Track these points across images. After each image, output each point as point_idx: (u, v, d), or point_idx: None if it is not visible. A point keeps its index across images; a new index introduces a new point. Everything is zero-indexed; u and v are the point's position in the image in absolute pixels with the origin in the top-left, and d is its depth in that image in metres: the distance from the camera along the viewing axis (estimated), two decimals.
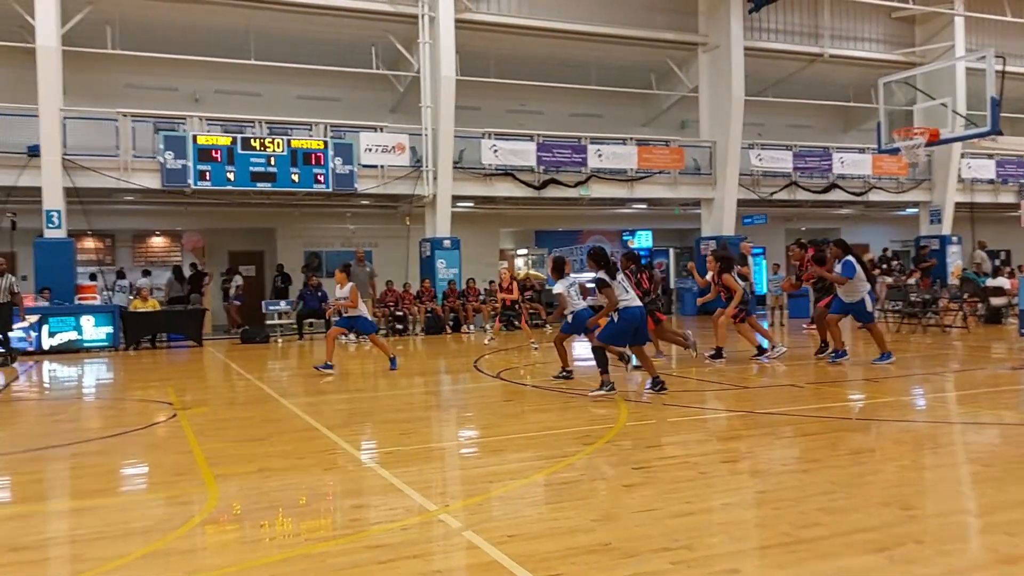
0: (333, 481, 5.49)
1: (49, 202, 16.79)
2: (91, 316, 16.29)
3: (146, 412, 8.70)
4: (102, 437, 7.25)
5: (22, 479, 5.85)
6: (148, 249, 23.25)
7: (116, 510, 4.91)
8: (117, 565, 3.80)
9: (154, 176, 17.63)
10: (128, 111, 17.65)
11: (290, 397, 9.29)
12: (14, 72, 17.76)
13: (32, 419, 8.74)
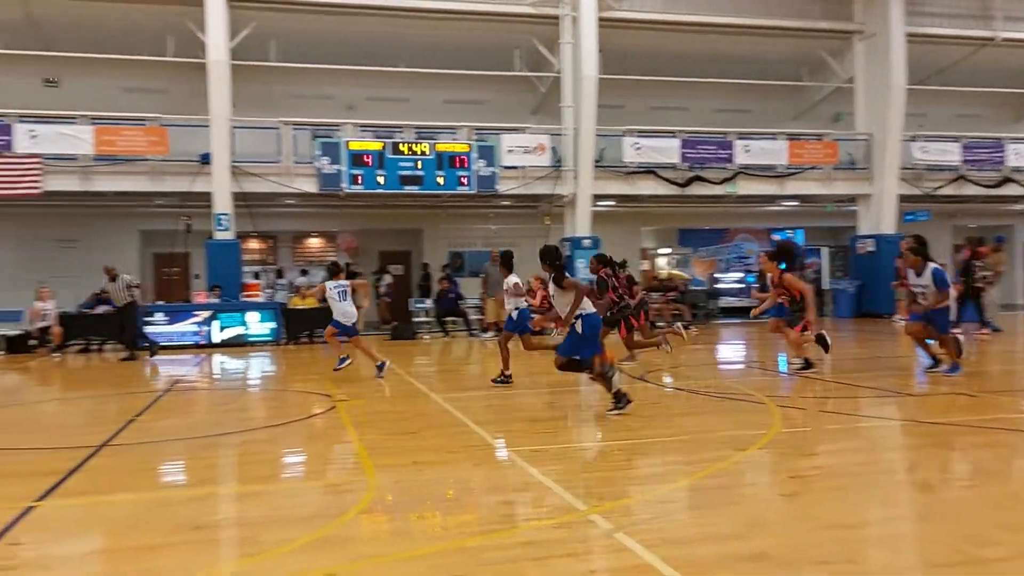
0: (483, 476, 5.61)
1: (219, 206, 18.06)
2: (256, 312, 17.42)
3: (307, 403, 9.21)
4: (268, 426, 7.74)
5: (199, 463, 6.33)
6: (306, 249, 24.54)
7: (283, 496, 5.23)
8: (287, 549, 4.04)
9: (312, 180, 18.61)
10: (289, 120, 18.72)
11: (439, 392, 9.57)
12: (188, 86, 19.22)
13: (205, 408, 9.44)
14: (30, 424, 8.49)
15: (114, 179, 17.99)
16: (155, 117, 17.91)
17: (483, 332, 18.46)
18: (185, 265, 20.87)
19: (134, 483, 5.73)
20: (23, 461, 6.27)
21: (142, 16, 18.49)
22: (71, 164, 17.64)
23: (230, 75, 18.29)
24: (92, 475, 5.69)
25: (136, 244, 21.76)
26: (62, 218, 20.29)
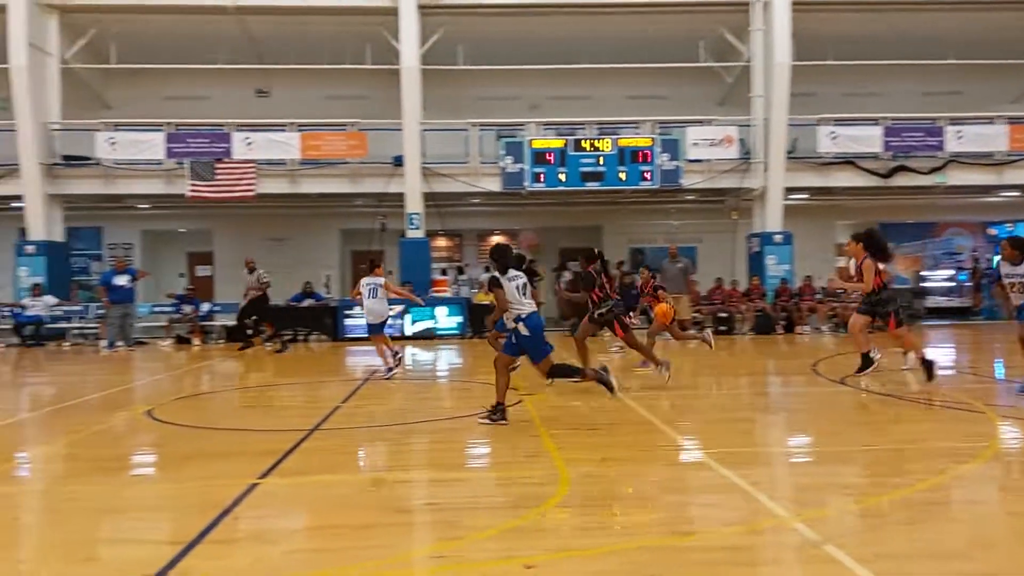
0: (676, 476, 5.51)
1: (411, 206, 18.94)
2: (444, 307, 18.11)
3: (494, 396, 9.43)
4: (460, 416, 8.00)
5: (400, 449, 6.65)
6: (490, 246, 25.21)
7: (479, 484, 5.39)
8: (487, 535, 4.15)
9: (496, 179, 19.10)
10: (476, 121, 19.30)
11: (623, 390, 9.49)
12: (384, 92, 20.31)
13: (401, 397, 9.90)
14: (250, 407, 9.29)
15: (318, 181, 19.35)
16: (354, 122, 19.06)
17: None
18: (381, 261, 22.02)
19: (343, 465, 6.11)
20: (247, 441, 6.85)
21: (343, 27, 19.70)
22: (280, 168, 19.14)
23: (420, 80, 19.10)
24: (306, 456, 6.13)
25: (337, 242, 23.28)
26: (273, 218, 22.06)
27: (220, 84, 21.25)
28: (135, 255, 22.71)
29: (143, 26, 19.17)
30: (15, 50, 17.83)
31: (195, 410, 8.91)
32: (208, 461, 6.02)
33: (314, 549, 3.98)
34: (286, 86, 21.80)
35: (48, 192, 18.61)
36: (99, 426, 7.70)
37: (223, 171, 18.53)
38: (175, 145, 18.64)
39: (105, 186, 18.96)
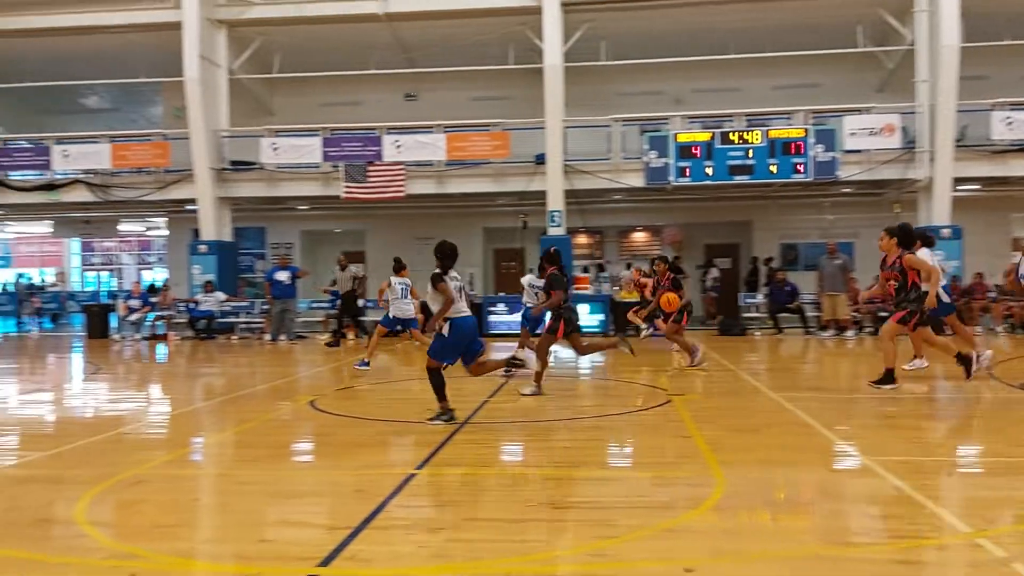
0: (840, 482, 5.25)
1: (552, 203, 19.02)
2: (587, 304, 18.08)
3: (641, 395, 9.34)
4: (608, 414, 7.97)
5: (550, 445, 6.69)
6: (631, 243, 24.96)
7: (633, 483, 5.34)
8: (644, 535, 4.10)
9: (638, 175, 18.85)
10: (619, 116, 19.14)
11: (778, 390, 9.16)
12: (527, 91, 20.49)
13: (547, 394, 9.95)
14: (402, 399, 9.62)
15: (463, 181, 19.77)
16: (498, 123, 19.34)
17: (821, 330, 17.34)
18: (522, 259, 22.29)
19: (496, 459, 6.22)
20: (402, 431, 7.10)
21: (487, 29, 20.02)
22: (428, 169, 19.71)
23: (563, 78, 19.14)
24: (459, 449, 6.28)
25: (480, 240, 23.72)
26: (420, 218, 22.75)
27: (372, 89, 22.14)
28: (295, 253, 24.02)
29: (302, 37, 20.23)
30: (189, 63, 19.26)
31: (353, 401, 9.32)
32: (368, 450, 6.28)
33: (473, 539, 4.06)
34: (433, 89, 22.44)
35: (218, 195, 20.00)
36: (267, 415, 8.20)
37: (375, 173, 19.28)
38: (331, 149, 19.57)
39: (268, 189, 20.17)
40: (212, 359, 15.18)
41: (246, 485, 5.34)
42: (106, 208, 22.39)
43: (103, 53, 21.05)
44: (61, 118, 24.65)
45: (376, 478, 5.33)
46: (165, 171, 20.14)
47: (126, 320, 19.63)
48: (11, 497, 5.04)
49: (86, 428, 7.87)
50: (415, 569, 3.65)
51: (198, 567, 3.81)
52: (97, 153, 20.15)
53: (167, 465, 6.04)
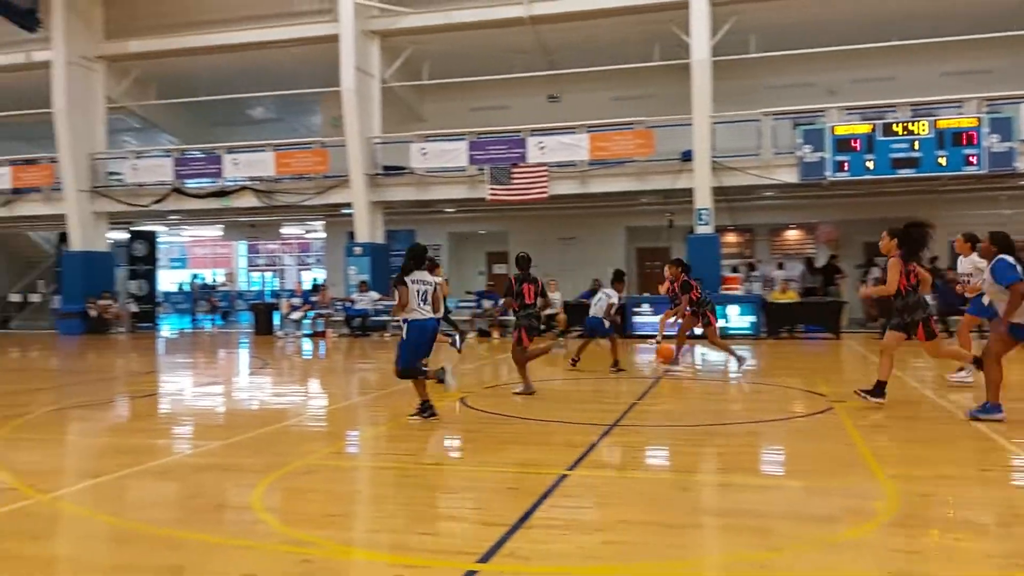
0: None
1: (700, 201, 18.59)
2: (736, 306, 17.55)
3: (798, 400, 8.96)
4: (764, 420, 7.68)
5: (704, 450, 6.53)
6: (783, 242, 24.03)
7: (794, 492, 5.11)
8: (808, 548, 3.92)
9: (791, 171, 18.12)
10: (770, 110, 18.47)
11: (950, 398, 8.54)
12: (672, 89, 20.14)
13: (697, 397, 9.73)
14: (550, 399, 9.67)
15: (606, 181, 19.68)
16: (642, 120, 19.11)
17: None
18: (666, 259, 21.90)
19: (648, 462, 6.14)
20: (552, 432, 7.12)
21: (632, 27, 19.85)
22: (570, 170, 19.74)
23: (711, 72, 18.67)
24: (610, 451, 6.25)
25: (622, 240, 23.54)
26: (563, 218, 22.84)
27: (516, 93, 22.41)
28: (442, 255, 24.70)
29: (450, 43, 20.78)
30: (345, 74, 20.20)
31: (501, 400, 9.45)
32: (520, 449, 6.35)
33: (630, 542, 4.02)
34: (575, 91, 22.45)
35: (371, 199, 20.86)
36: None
37: (519, 175, 19.52)
38: (477, 152, 19.98)
39: (418, 192, 20.84)
40: (367, 355, 15.83)
41: (404, 478, 5.53)
42: (270, 212, 23.84)
43: (267, 67, 22.45)
44: (230, 129, 26.47)
45: (528, 477, 5.38)
46: (323, 177, 21.22)
47: (288, 318, 20.82)
48: (193, 484, 5.45)
49: (256, 419, 8.39)
50: (573, 569, 3.65)
51: (364, 556, 3.97)
52: (262, 161, 21.50)
53: (331, 456, 6.35)
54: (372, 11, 20.68)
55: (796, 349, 15.46)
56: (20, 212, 23.87)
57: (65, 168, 22.37)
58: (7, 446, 6.70)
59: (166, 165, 22.32)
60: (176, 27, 21.89)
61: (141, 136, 28.27)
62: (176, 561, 3.77)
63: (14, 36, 22.45)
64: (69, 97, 22.06)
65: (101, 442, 7.29)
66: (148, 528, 4.36)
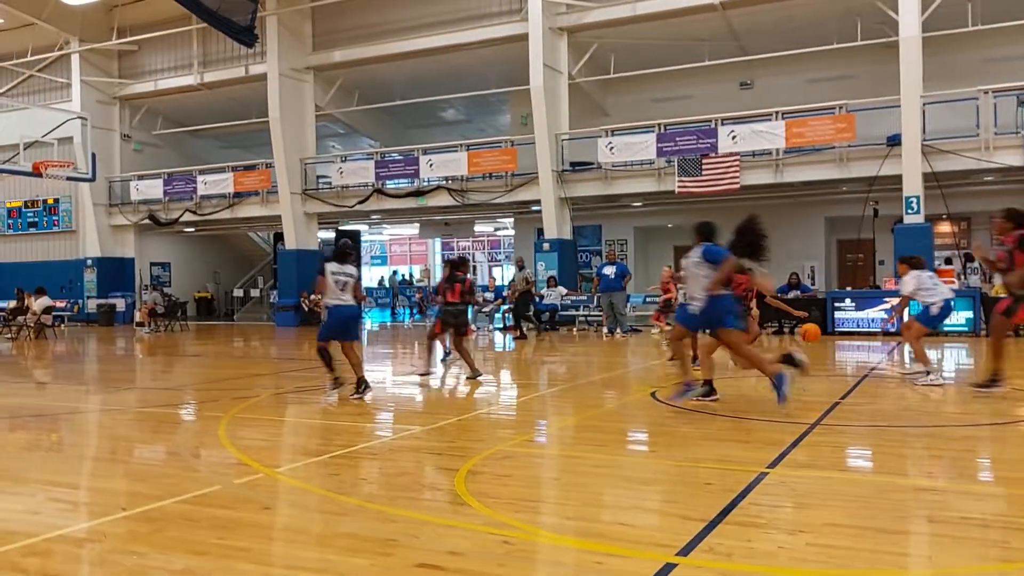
0: None
1: (909, 188, 17.28)
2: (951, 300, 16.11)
3: (1023, 403, 8.13)
4: (984, 424, 7.04)
5: (919, 453, 6.07)
6: None
7: (1020, 502, 4.65)
8: None
9: (1015, 152, 16.47)
10: (990, 87, 16.82)
11: None
12: (875, 68, 18.88)
13: (908, 397, 9.06)
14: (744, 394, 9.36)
15: (802, 169, 18.77)
16: (842, 104, 18.01)
17: None
18: (871, 250, 20.54)
19: (853, 464, 5.81)
20: (749, 428, 6.89)
21: (830, 5, 18.78)
22: (763, 159, 18.98)
23: (921, 50, 17.28)
24: (814, 450, 5.95)
25: (822, 231, 22.34)
26: (755, 209, 21.84)
27: (704, 81, 21.85)
28: (628, 250, 24.59)
29: (636, 35, 20.60)
30: (534, 72, 20.56)
31: None
32: (716, 445, 6.20)
33: (838, 546, 3.82)
34: (768, 75, 21.58)
35: (559, 196, 21.11)
36: (613, 403, 8.47)
37: (709, 165, 19.03)
38: (665, 144, 19.68)
39: (604, 187, 20.85)
40: (555, 349, 16.06)
41: (599, 468, 5.56)
42: (463, 211, 24.74)
43: (458, 70, 23.31)
44: (424, 131, 27.75)
45: (724, 473, 5.24)
46: (512, 175, 21.73)
47: (481, 312, 21.52)
48: (400, 465, 5.78)
49: (453, 407, 8.76)
50: (778, 569, 3.52)
51: (562, 542, 4.04)
52: (455, 161, 22.37)
53: (525, 444, 6.51)
54: (560, 8, 20.92)
55: (1021, 348, 13.98)
56: (241, 214, 26.33)
57: (280, 172, 24.40)
58: (236, 425, 7.41)
59: (368, 167, 23.76)
60: (375, 36, 23.25)
61: (345, 141, 30.30)
62: (389, 535, 4.01)
63: (234, 52, 24.79)
64: (282, 106, 24.03)
65: (316, 423, 7.90)
66: (363, 503, 4.68)
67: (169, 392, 10.00)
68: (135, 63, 27.71)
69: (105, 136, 27.15)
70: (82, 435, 7.63)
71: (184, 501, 4.71)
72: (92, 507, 4.84)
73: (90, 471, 6.02)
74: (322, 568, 3.58)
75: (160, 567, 3.64)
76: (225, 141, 31.01)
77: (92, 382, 11.71)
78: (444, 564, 3.59)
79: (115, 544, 4.01)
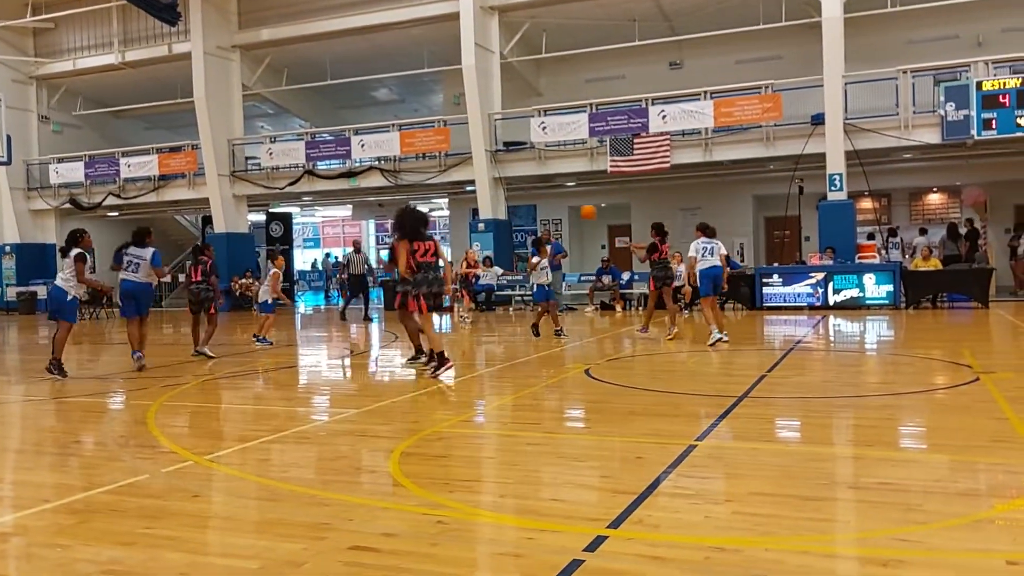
0: None
1: (832, 166, 17.79)
2: (872, 274, 16.74)
3: (941, 372, 8.50)
4: (902, 392, 7.33)
5: (838, 423, 6.31)
6: (924, 206, 22.70)
7: (940, 467, 4.87)
8: (956, 523, 3.74)
9: (933, 131, 17.10)
10: (909, 67, 17.40)
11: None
12: (800, 49, 19.32)
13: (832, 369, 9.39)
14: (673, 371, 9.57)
15: (731, 148, 19.14)
16: (769, 84, 18.40)
17: None
18: (796, 227, 21.13)
19: (780, 435, 6.00)
20: (677, 403, 7.05)
21: None
22: (694, 138, 19.29)
23: (843, 30, 17.74)
24: (740, 422, 6.13)
25: (750, 208, 22.84)
26: (685, 188, 22.37)
27: (635, 62, 22.05)
28: (563, 229, 24.74)
29: (567, 15, 20.63)
30: (466, 51, 20.43)
31: (624, 371, 9.45)
32: (644, 420, 6.34)
33: (762, 514, 3.95)
34: (697, 56, 21.89)
35: (493, 175, 21.09)
36: (548, 381, 8.56)
37: (640, 145, 19.24)
38: (597, 124, 19.81)
39: (538, 167, 20.91)
40: (491, 329, 16.11)
41: (534, 446, 5.62)
42: (396, 191, 24.52)
43: (390, 49, 23.00)
44: (356, 111, 27.34)
45: (655, 447, 5.36)
46: (446, 155, 21.61)
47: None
48: (334, 448, 5.74)
49: (388, 389, 8.73)
50: (705, 539, 3.63)
51: (496, 520, 4.08)
52: (388, 141, 22.12)
53: (460, 424, 6.54)
54: None
55: (939, 319, 14.62)
56: (167, 197, 25.58)
57: (207, 154, 23.76)
58: (165, 413, 7.25)
59: (299, 148, 23.33)
60: (304, 14, 22.75)
61: (274, 121, 29.65)
62: (322, 519, 4.00)
63: (157, 31, 23.96)
64: (208, 86, 23.36)
65: (248, 409, 7.78)
66: (295, 488, 4.64)
67: (95, 381, 9.71)
68: (52, 41, 26.54)
69: (21, 117, 25.97)
70: (5, 426, 7.36)
71: (110, 491, 4.60)
72: (15, 500, 4.69)
73: (13, 463, 5.82)
74: (254, 554, 3.55)
75: (86, 559, 3.56)
76: (150, 122, 30.00)
77: (14, 372, 11.29)
78: (378, 546, 3.60)
79: (39, 537, 3.90)
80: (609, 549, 3.49)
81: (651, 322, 12.88)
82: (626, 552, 3.47)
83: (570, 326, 15.92)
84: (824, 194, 18.25)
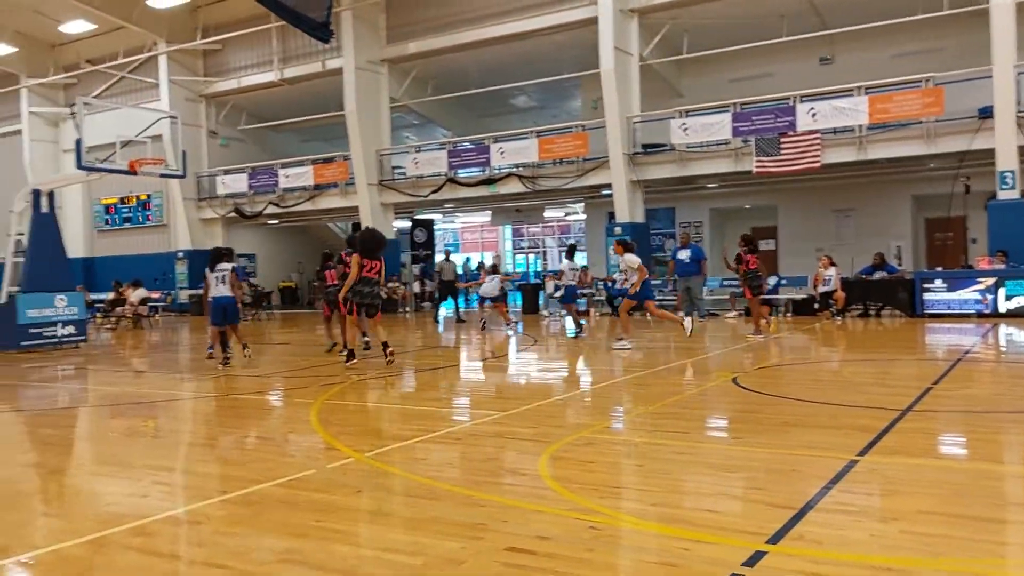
0: None
1: (1003, 163, 16.53)
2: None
3: None
4: None
5: (1017, 440, 5.86)
6: None
7: None
8: None
9: None
10: None
11: None
12: (964, 39, 18.08)
13: (1003, 382, 8.73)
14: (830, 381, 9.18)
15: (887, 146, 18.15)
16: (930, 77, 17.32)
17: None
18: (961, 229, 19.73)
19: (947, 451, 5.65)
20: (836, 414, 6.76)
21: None
22: (846, 136, 18.41)
23: (1015, 16, 16.45)
24: (905, 437, 5.80)
25: (908, 209, 21.58)
26: (837, 189, 21.38)
27: (782, 59, 21.30)
28: (703, 232, 24.22)
29: (710, 15, 20.21)
30: (604, 55, 20.39)
31: (776, 380, 9.14)
32: (802, 431, 6.12)
33: (933, 534, 3.74)
34: (850, 50, 20.89)
35: (631, 179, 20.93)
36: (694, 390, 8.42)
37: (788, 144, 18.56)
38: (741, 124, 19.28)
39: (678, 169, 20.57)
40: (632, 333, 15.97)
41: (681, 455, 5.55)
42: (534, 197, 24.79)
43: (529, 57, 23.31)
44: (496, 119, 27.84)
45: (813, 460, 5.17)
46: (583, 160, 21.65)
47: (552, 297, 21.56)
48: (483, 449, 5.89)
49: (533, 393, 8.85)
50: (871, 557, 3.47)
51: (648, 528, 4.06)
52: (526, 148, 22.40)
53: (606, 431, 6.54)
54: None
55: None
56: (321, 206, 26.97)
57: (357, 164, 24.89)
58: (325, 411, 7.66)
59: (441, 157, 24.01)
60: (449, 26, 23.44)
61: (419, 131, 30.66)
62: (478, 519, 4.11)
63: (312, 47, 25.33)
64: (358, 99, 24.47)
65: (398, 409, 8.09)
66: (451, 487, 4.80)
67: (260, 379, 10.38)
68: (219, 61, 28.62)
69: (193, 133, 28.12)
70: (180, 421, 8.00)
71: (281, 485, 4.92)
72: (193, 491, 5.10)
73: (188, 456, 6.32)
74: (415, 551, 3.70)
75: (265, 548, 3.82)
76: (305, 135, 31.76)
77: (187, 370, 12.23)
78: (534, 548, 3.67)
79: (217, 526, 4.22)
80: (769, 564, 3.41)
81: (759, 324, 13.89)
82: (787, 568, 3.37)
83: (713, 332, 15.58)
84: (993, 193, 16.96)
